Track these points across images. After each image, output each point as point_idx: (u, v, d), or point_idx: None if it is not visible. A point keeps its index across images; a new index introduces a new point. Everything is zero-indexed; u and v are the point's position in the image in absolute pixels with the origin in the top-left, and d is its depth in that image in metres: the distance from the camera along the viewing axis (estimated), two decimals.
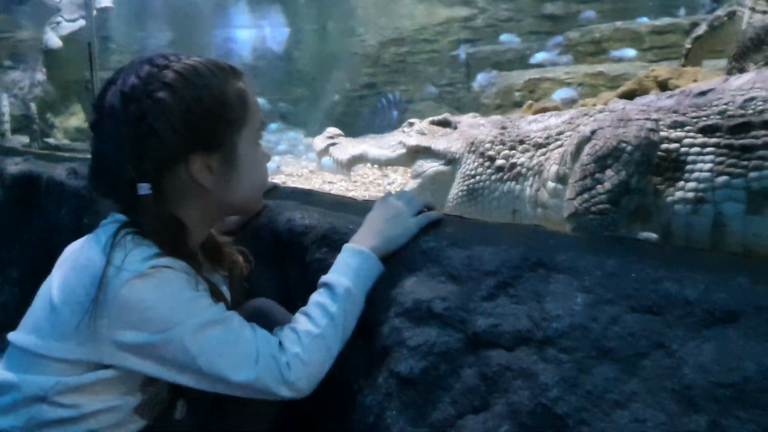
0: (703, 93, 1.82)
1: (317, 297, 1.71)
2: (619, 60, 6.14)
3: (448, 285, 1.73)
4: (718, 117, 1.75)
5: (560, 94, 4.47)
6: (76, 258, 1.61)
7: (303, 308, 1.71)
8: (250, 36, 10.36)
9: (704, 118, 1.78)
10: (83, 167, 3.47)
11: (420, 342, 1.68)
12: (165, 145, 1.56)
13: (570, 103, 4.48)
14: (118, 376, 1.56)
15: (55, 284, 1.58)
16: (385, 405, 1.70)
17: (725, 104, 1.75)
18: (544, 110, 4.04)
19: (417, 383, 1.65)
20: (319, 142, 2.92)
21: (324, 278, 1.74)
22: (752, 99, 1.72)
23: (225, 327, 1.57)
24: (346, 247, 1.80)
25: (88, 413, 1.56)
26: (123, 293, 1.47)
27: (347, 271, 1.73)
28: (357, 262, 1.75)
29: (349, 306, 1.70)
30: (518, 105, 5.35)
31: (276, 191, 2.51)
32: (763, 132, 1.67)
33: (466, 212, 2.33)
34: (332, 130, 2.99)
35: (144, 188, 1.57)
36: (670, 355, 1.34)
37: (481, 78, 5.73)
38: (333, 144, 2.87)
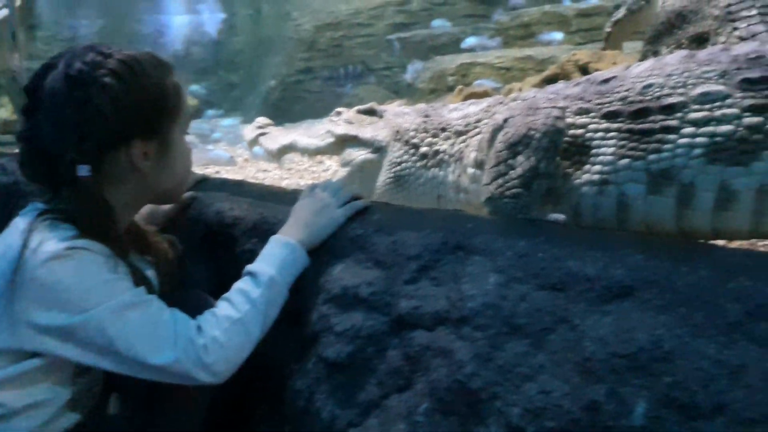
0: (606, 80, 1.93)
1: (240, 284, 1.75)
2: (548, 43, 6.30)
3: (374, 270, 1.80)
4: (620, 103, 1.86)
5: (481, 83, 4.60)
6: None
7: (225, 294, 1.74)
8: (184, 22, 10.20)
9: (607, 105, 1.88)
10: (12, 163, 3.40)
11: (347, 327, 1.75)
12: (109, 128, 1.63)
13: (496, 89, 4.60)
14: (45, 365, 1.57)
15: None
16: (314, 389, 1.76)
17: (626, 91, 1.86)
18: (473, 95, 4.14)
19: (345, 367, 1.72)
20: (249, 132, 2.94)
21: (249, 267, 1.78)
22: (650, 86, 1.83)
23: (143, 310, 1.59)
24: (273, 238, 1.84)
25: (18, 409, 1.57)
26: (39, 274, 1.50)
27: (272, 261, 1.77)
28: (283, 253, 1.80)
29: (272, 294, 1.74)
30: (451, 89, 5.44)
31: (206, 183, 2.53)
32: (660, 117, 1.79)
33: (394, 199, 2.40)
34: (262, 120, 3.00)
35: (84, 170, 1.60)
36: (573, 329, 1.43)
37: (411, 69, 5.82)
38: (263, 134, 2.89)
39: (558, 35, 6.32)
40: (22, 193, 3.02)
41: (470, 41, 6.45)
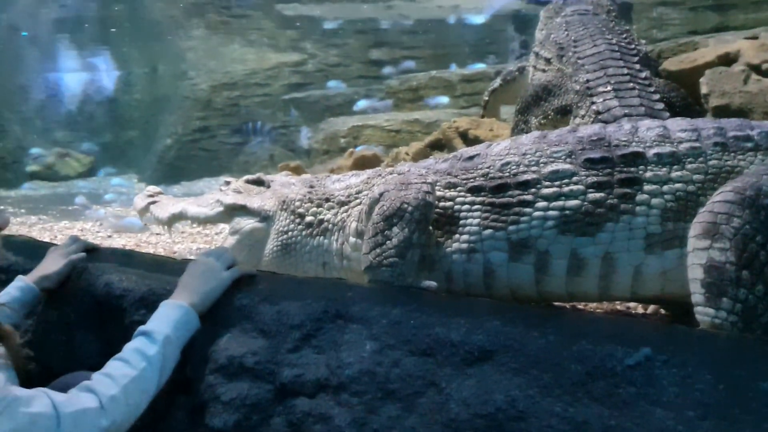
0: (470, 158, 2.13)
1: (135, 344, 1.75)
2: (435, 107, 6.63)
3: (259, 340, 1.87)
4: (483, 179, 2.06)
5: (361, 149, 4.80)
6: None
7: (117, 355, 1.73)
8: (78, 79, 9.99)
9: (472, 180, 2.07)
10: None
11: (233, 396, 1.80)
12: None
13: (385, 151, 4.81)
14: None
15: None
16: None
17: (488, 167, 2.06)
18: (363, 158, 4.32)
19: None
20: (140, 201, 2.95)
21: (142, 328, 1.79)
22: (508, 163, 2.04)
23: (10, 413, 1.49)
24: (164, 302, 1.87)
25: None
26: None
27: (166, 321, 1.80)
28: (176, 314, 1.83)
29: (167, 352, 1.76)
30: (343, 150, 5.61)
31: (96, 253, 2.51)
32: (517, 192, 1.99)
33: (281, 266, 2.49)
34: (152, 188, 3.03)
35: None
36: (440, 392, 1.56)
37: (303, 133, 5.98)
38: (153, 202, 2.91)
39: (444, 99, 6.67)
40: None
41: (362, 104, 6.71)
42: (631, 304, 2.42)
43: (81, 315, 2.24)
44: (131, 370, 1.68)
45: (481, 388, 1.53)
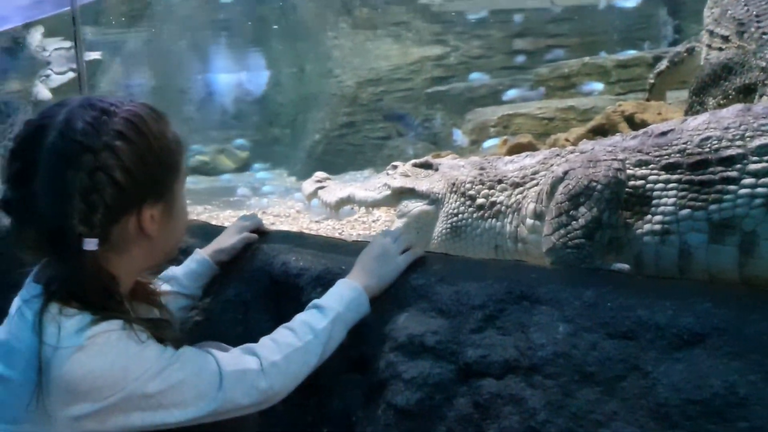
0: (664, 133, 1.99)
1: (304, 316, 1.78)
2: (589, 94, 6.38)
3: (439, 319, 1.85)
4: (679, 155, 1.92)
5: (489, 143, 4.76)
6: (7, 342, 1.51)
7: (286, 324, 1.76)
8: (231, 80, 10.56)
9: (666, 157, 1.94)
10: None
11: (415, 374, 1.79)
12: (121, 196, 1.49)
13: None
14: None
15: None
16: None
17: (684, 143, 1.92)
18: (518, 146, 4.22)
19: (413, 414, 1.76)
20: (308, 185, 3.05)
21: (315, 301, 1.82)
22: (708, 138, 1.89)
23: (181, 365, 1.53)
24: (340, 281, 1.90)
25: None
26: (66, 371, 1.40)
27: (340, 300, 1.82)
28: (350, 295, 1.85)
29: (336, 330, 1.78)
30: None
31: (269, 235, 2.61)
32: (719, 168, 1.84)
33: (451, 249, 2.46)
34: (320, 174, 3.12)
35: (91, 243, 1.45)
36: (645, 376, 1.47)
37: (456, 134, 5.93)
38: (321, 187, 3.00)
39: (598, 86, 6.41)
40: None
41: (511, 93, 6.58)
42: None
43: (257, 294, 2.32)
44: (297, 340, 1.70)
45: (692, 373, 1.42)
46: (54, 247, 1.48)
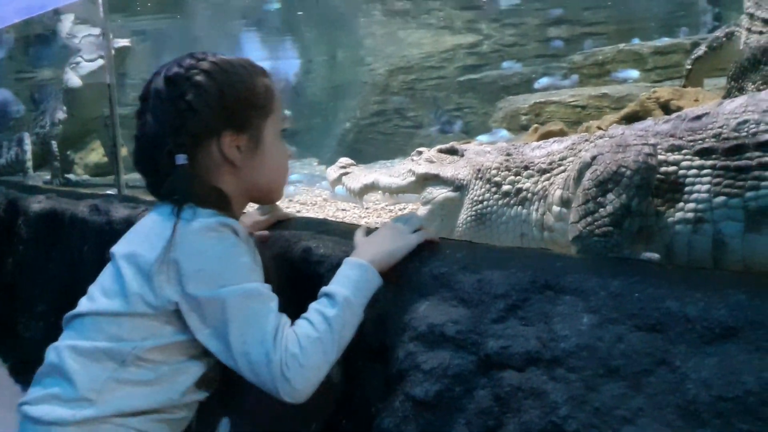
0: (698, 117, 1.90)
1: (316, 305, 1.77)
2: (623, 81, 6.22)
3: (460, 309, 1.79)
4: (714, 140, 1.82)
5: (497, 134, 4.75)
6: (141, 233, 1.83)
7: (303, 314, 1.77)
8: (264, 67, 10.55)
9: (700, 142, 1.85)
10: (105, 203, 3.58)
11: (434, 365, 1.74)
12: (200, 121, 1.79)
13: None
14: (187, 341, 1.72)
15: (122, 258, 1.76)
16: (402, 427, 1.75)
17: (719, 127, 1.83)
18: (549, 134, 4.12)
19: (432, 405, 1.71)
20: (332, 171, 3.01)
21: (324, 288, 1.80)
22: (745, 122, 1.79)
23: (264, 304, 1.69)
24: (346, 260, 1.86)
25: (164, 375, 1.72)
26: (191, 240, 1.68)
27: (347, 283, 1.79)
28: (356, 274, 1.81)
29: (348, 315, 1.75)
30: (525, 128, 5.43)
31: (291, 222, 2.59)
32: (757, 153, 1.74)
33: (476, 236, 2.40)
34: (344, 160, 3.08)
35: (181, 158, 1.77)
36: (674, 371, 1.39)
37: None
38: (345, 173, 2.96)
39: (634, 73, 6.25)
40: (115, 232, 3.17)
41: (543, 81, 6.47)
42: None
43: (278, 280, 2.28)
44: (313, 331, 1.68)
45: (724, 368, 1.33)
46: (155, 164, 1.81)
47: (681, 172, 1.86)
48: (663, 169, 1.88)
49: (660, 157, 1.88)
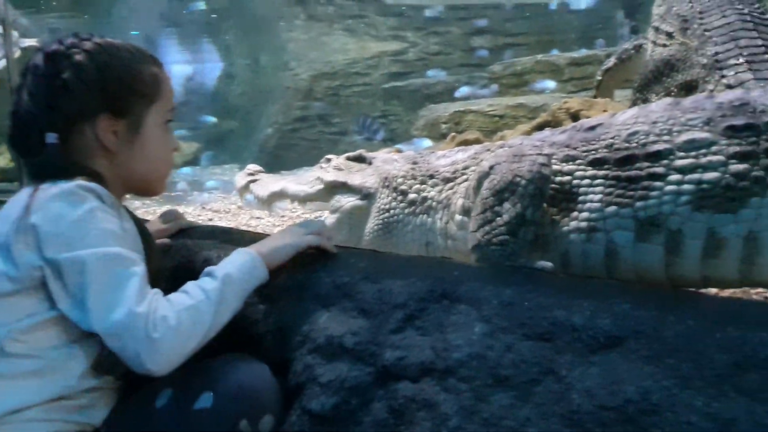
0: (592, 128, 1.93)
1: (196, 281, 1.71)
2: (541, 91, 6.38)
3: (360, 319, 1.76)
4: (606, 150, 1.86)
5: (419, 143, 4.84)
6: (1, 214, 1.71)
7: (180, 288, 1.69)
8: (183, 71, 10.34)
9: (593, 152, 1.88)
10: None
11: (332, 378, 1.70)
12: (75, 101, 1.72)
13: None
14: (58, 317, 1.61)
15: None
16: None
17: (612, 138, 1.86)
18: (465, 143, 4.16)
19: (329, 419, 1.67)
20: (240, 179, 2.94)
21: (207, 269, 1.75)
22: (635, 133, 1.83)
23: (126, 267, 1.58)
24: (235, 251, 1.82)
25: (53, 362, 1.61)
26: (49, 204, 1.59)
27: (230, 264, 1.75)
28: (242, 259, 1.78)
29: (227, 291, 1.68)
30: (444, 136, 5.49)
31: (195, 230, 2.51)
32: (646, 164, 1.78)
33: (382, 245, 2.38)
34: (252, 167, 3.01)
35: (51, 137, 1.71)
36: (560, 381, 1.40)
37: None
38: (253, 181, 2.89)
39: (551, 83, 6.41)
40: None
41: (464, 90, 6.56)
42: None
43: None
44: (188, 299, 1.62)
45: (607, 378, 1.35)
46: (27, 142, 1.75)
47: (575, 181, 1.89)
48: (558, 178, 1.90)
49: (555, 167, 1.90)
